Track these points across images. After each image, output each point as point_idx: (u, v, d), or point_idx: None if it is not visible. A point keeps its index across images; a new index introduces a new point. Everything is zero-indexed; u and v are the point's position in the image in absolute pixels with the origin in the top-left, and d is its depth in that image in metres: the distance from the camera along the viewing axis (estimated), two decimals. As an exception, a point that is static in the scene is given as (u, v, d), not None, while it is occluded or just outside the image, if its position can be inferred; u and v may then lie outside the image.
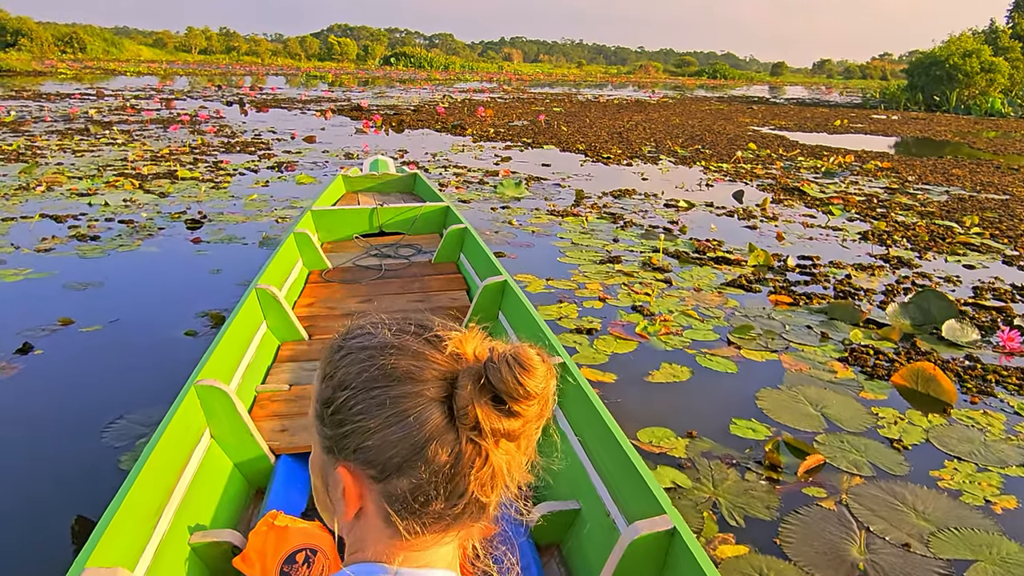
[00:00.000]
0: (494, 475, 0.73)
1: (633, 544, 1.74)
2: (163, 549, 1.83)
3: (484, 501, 0.74)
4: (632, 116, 23.02)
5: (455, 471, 0.71)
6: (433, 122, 18.11)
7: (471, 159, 12.03)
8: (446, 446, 0.71)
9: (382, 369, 0.72)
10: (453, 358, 0.73)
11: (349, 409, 0.73)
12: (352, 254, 5.03)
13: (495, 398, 0.71)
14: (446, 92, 35.69)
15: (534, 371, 0.70)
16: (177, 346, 4.02)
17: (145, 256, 5.74)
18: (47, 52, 75.14)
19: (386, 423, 0.71)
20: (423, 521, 0.73)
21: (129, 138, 12.93)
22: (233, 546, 1.95)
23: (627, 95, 41.27)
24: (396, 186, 6.87)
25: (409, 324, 0.77)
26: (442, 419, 0.71)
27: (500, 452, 0.73)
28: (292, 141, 13.59)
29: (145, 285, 5.07)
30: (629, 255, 6.30)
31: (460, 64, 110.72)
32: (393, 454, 0.71)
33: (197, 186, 8.61)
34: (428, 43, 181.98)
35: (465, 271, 4.61)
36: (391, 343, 0.74)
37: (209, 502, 2.17)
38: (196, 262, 5.59)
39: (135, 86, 31.55)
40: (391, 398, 0.71)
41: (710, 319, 4.79)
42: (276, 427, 2.63)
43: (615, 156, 12.96)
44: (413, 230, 5.53)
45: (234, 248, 6.02)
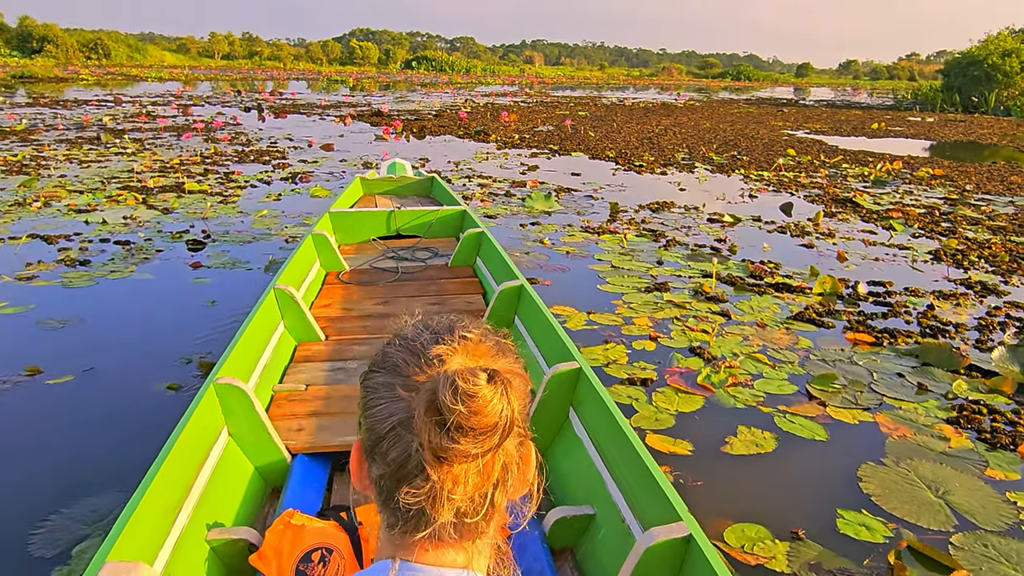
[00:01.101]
0: (434, 493, 0.71)
1: (649, 551, 1.70)
2: (181, 545, 1.83)
3: (431, 515, 0.72)
4: (660, 120, 22.26)
5: (402, 474, 0.71)
6: (455, 128, 17.48)
7: (496, 168, 11.37)
8: (399, 445, 0.71)
9: (384, 356, 0.77)
10: (438, 362, 0.72)
11: (363, 383, 0.78)
12: (369, 256, 5.00)
13: (439, 414, 0.68)
14: (468, 96, 35.10)
15: (468, 399, 0.67)
16: (154, 405, 3.38)
17: (136, 285, 5.13)
18: (72, 58, 75.72)
19: (371, 404, 0.74)
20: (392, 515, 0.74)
21: (140, 147, 12.42)
22: (250, 544, 1.95)
23: (652, 98, 40.46)
24: (413, 189, 6.82)
25: (439, 323, 0.78)
26: (403, 418, 0.71)
27: (441, 470, 0.70)
28: (309, 149, 13.02)
29: (130, 322, 4.45)
30: (677, 281, 5.61)
31: (481, 67, 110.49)
32: (368, 436, 0.75)
33: (204, 201, 8.02)
34: (449, 46, 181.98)
35: (481, 275, 4.55)
36: (406, 335, 0.77)
37: (226, 499, 2.17)
38: (191, 293, 4.97)
39: (154, 92, 31.27)
40: (377, 383, 0.75)
41: (782, 364, 4.08)
42: (293, 427, 2.61)
43: (648, 164, 12.24)
44: (430, 233, 5.49)
45: (235, 276, 5.40)
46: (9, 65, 56.56)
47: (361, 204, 6.30)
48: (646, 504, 1.93)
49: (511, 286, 3.56)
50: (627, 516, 1.99)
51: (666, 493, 1.84)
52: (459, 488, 0.71)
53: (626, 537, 1.94)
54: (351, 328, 3.71)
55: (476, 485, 0.72)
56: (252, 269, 5.55)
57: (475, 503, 0.73)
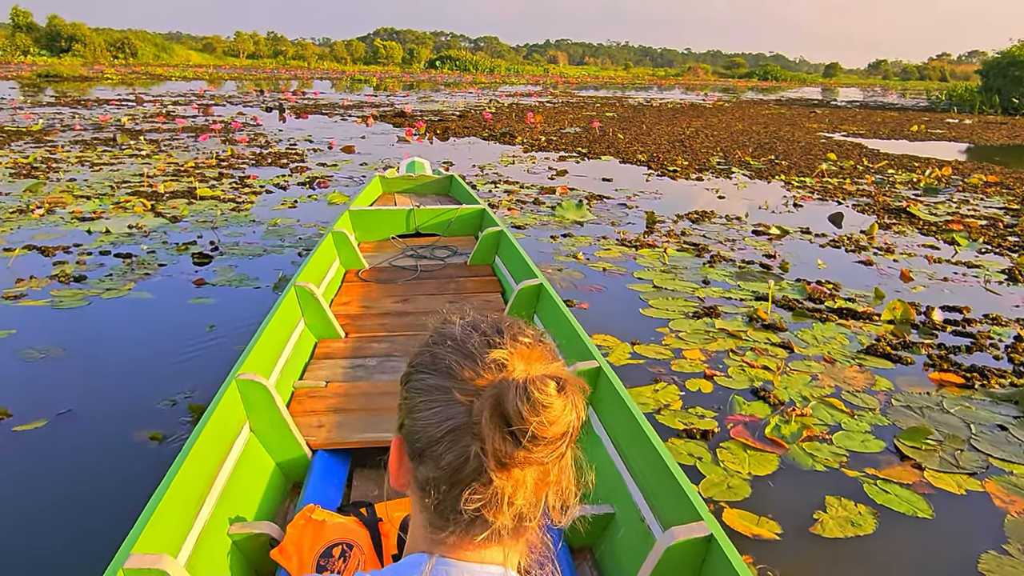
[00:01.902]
0: (496, 497, 0.69)
1: (669, 550, 1.66)
2: (204, 538, 1.80)
3: (488, 520, 0.70)
4: (690, 121, 21.61)
5: (457, 478, 0.69)
6: (480, 129, 16.97)
7: (523, 172, 10.84)
8: (455, 449, 0.69)
9: (433, 357, 0.73)
10: (496, 367, 0.70)
11: (407, 384, 0.76)
12: (388, 254, 5.00)
13: (505, 421, 0.67)
14: (492, 96, 34.60)
15: (539, 407, 0.67)
16: (131, 463, 2.89)
17: (131, 307, 4.66)
18: (100, 57, 76.29)
19: (419, 407, 0.72)
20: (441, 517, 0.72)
21: (156, 149, 12.04)
22: (271, 538, 1.94)
23: (679, 98, 39.72)
24: (432, 187, 6.80)
25: (487, 324, 0.75)
26: (461, 422, 0.69)
27: (503, 475, 0.69)
28: (329, 151, 12.57)
29: (118, 352, 3.98)
30: (728, 305, 5.05)
31: (505, 67, 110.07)
32: (418, 438, 0.72)
33: (215, 208, 7.57)
34: (473, 46, 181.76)
35: (500, 274, 4.53)
36: (455, 336, 0.74)
37: (248, 494, 2.15)
38: (191, 316, 4.49)
39: (177, 91, 31.11)
40: (428, 386, 0.72)
41: (862, 412, 3.52)
42: (313, 423, 2.60)
43: (682, 169, 11.64)
44: (449, 232, 5.46)
45: (241, 295, 4.92)
46: (37, 64, 56.99)
47: (380, 202, 6.26)
48: (666, 504, 1.90)
49: (530, 285, 3.54)
50: (647, 515, 1.96)
51: (687, 492, 1.80)
52: (520, 492, 0.70)
53: (646, 536, 1.91)
54: (371, 326, 3.68)
55: (536, 489, 0.72)
56: (260, 287, 5.07)
57: (533, 506, 0.72)
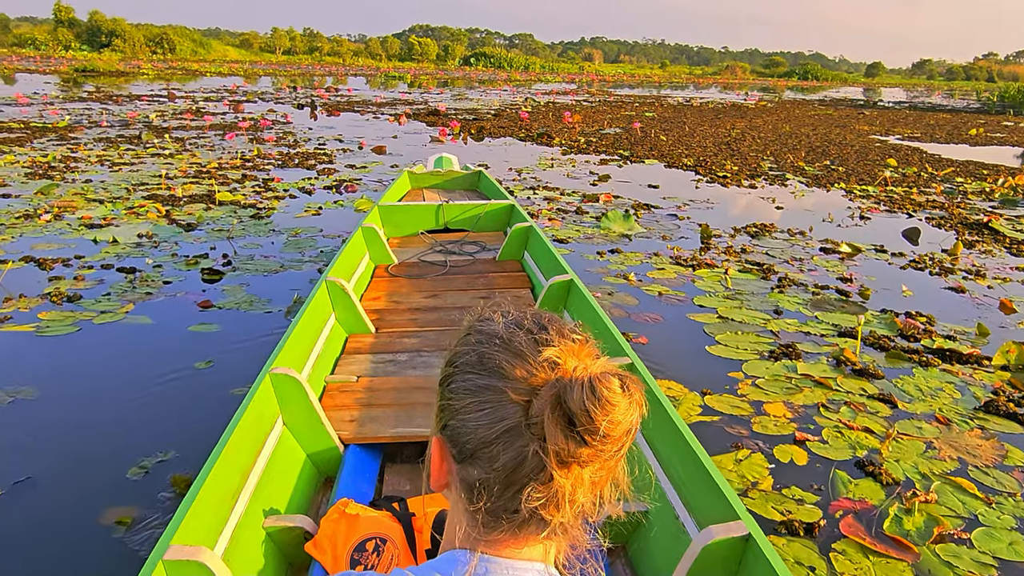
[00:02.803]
0: (556, 495, 0.68)
1: (706, 549, 1.62)
2: (239, 531, 1.81)
3: (546, 518, 0.69)
4: (734, 122, 20.74)
5: (514, 478, 0.68)
6: (516, 129, 16.32)
7: (563, 177, 10.18)
8: (512, 450, 0.68)
9: (480, 357, 0.71)
10: (549, 365, 0.68)
11: (449, 385, 0.73)
12: (417, 250, 4.99)
13: (568, 419, 0.66)
14: (528, 94, 33.94)
15: (606, 405, 0.65)
16: (92, 550, 2.30)
17: (123, 334, 4.11)
18: (139, 52, 77.10)
19: (468, 409, 0.70)
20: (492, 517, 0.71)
21: (181, 147, 11.59)
22: (305, 531, 1.93)
23: (719, 98, 38.70)
24: (461, 183, 6.78)
25: (529, 320, 0.73)
26: (516, 422, 0.67)
27: (564, 473, 0.67)
28: (359, 152, 12.03)
29: (98, 395, 3.40)
30: (807, 342, 4.35)
31: (540, 65, 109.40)
32: (468, 440, 0.70)
33: (233, 214, 7.04)
34: (508, 43, 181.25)
35: (529, 269, 4.53)
36: (500, 334, 0.72)
37: (281, 488, 2.14)
38: (186, 349, 3.91)
39: (211, 87, 30.92)
40: (478, 387, 0.70)
41: (1000, 500, 2.81)
42: (345, 417, 2.59)
43: (732, 174, 10.89)
44: (477, 227, 5.46)
45: (249, 320, 4.34)
46: (76, 59, 57.58)
47: (409, 198, 6.25)
48: (702, 502, 1.85)
49: (560, 280, 3.52)
50: (681, 514, 1.92)
51: (723, 491, 1.75)
52: (580, 490, 0.69)
53: (680, 535, 1.87)
54: (400, 321, 3.67)
55: (594, 486, 0.70)
56: (271, 312, 4.49)
57: (592, 504, 0.71)
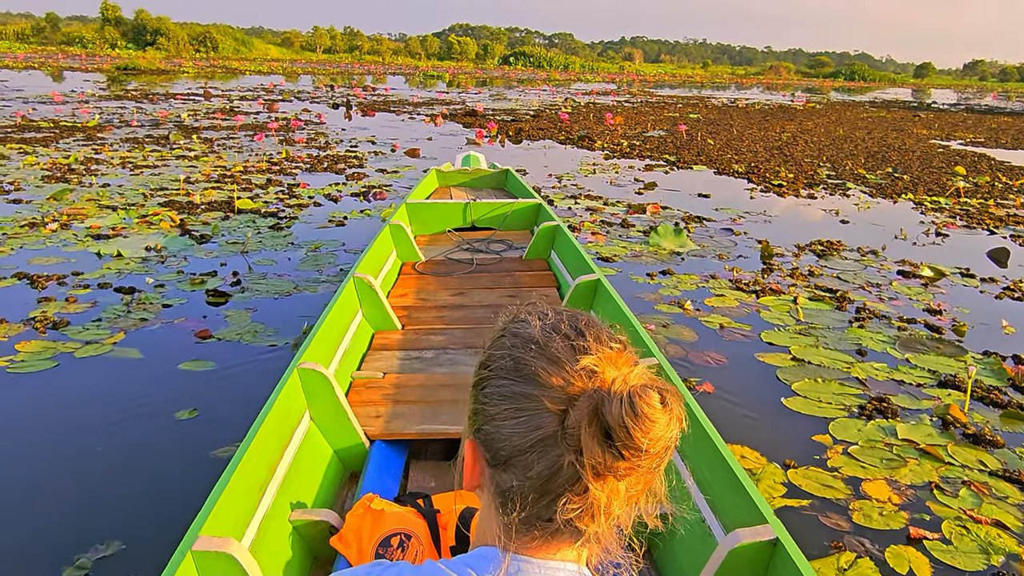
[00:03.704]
0: (591, 507, 0.67)
1: (733, 553, 1.59)
2: (266, 524, 1.82)
3: (581, 528, 0.68)
4: (783, 125, 19.84)
5: (549, 487, 0.67)
6: (556, 131, 15.68)
7: (605, 184, 9.53)
8: (547, 459, 0.66)
9: (516, 362, 0.70)
10: (587, 374, 0.67)
11: (483, 389, 0.72)
12: (444, 247, 4.99)
13: (605, 432, 0.64)
14: (568, 94, 33.26)
15: (647, 421, 0.63)
16: None
17: (105, 372, 3.58)
18: (182, 51, 77.99)
19: (503, 415, 0.69)
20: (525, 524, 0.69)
21: (208, 149, 11.19)
22: (331, 526, 1.94)
23: (765, 99, 37.59)
24: (488, 182, 6.75)
25: (566, 324, 0.71)
26: (552, 431, 0.66)
27: (600, 485, 0.66)
28: (392, 155, 11.51)
29: (50, 458, 2.86)
30: (901, 392, 3.67)
31: (580, 64, 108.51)
32: (502, 446, 0.69)
33: (252, 224, 6.53)
34: (548, 42, 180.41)
35: (556, 268, 4.52)
36: (536, 339, 0.70)
37: (308, 482, 2.15)
38: (174, 391, 3.37)
39: (247, 86, 30.79)
40: (514, 393, 0.68)
41: None
42: (371, 413, 2.58)
43: (788, 183, 10.13)
44: (504, 226, 5.43)
45: (248, 357, 3.79)
46: (121, 57, 58.31)
47: (436, 196, 6.26)
48: (729, 505, 1.80)
49: (587, 280, 3.51)
50: (708, 517, 1.86)
51: (750, 494, 1.72)
52: (616, 501, 0.67)
53: (706, 538, 1.81)
54: (427, 318, 3.67)
55: (630, 498, 0.69)
56: (275, 345, 3.94)
57: (628, 514, 0.70)
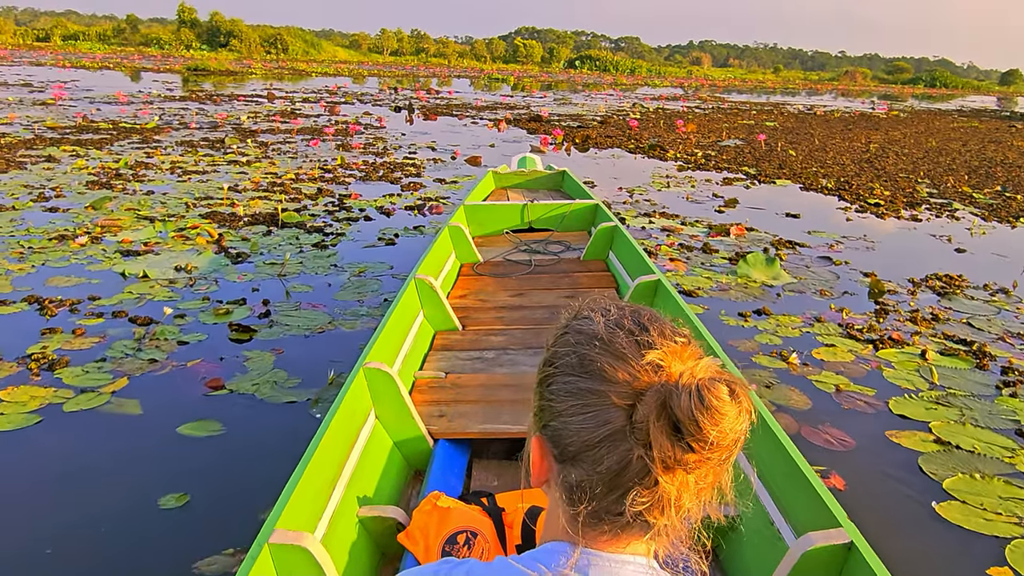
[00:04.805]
0: (661, 500, 0.68)
1: (805, 556, 1.57)
2: (336, 519, 1.86)
3: (650, 521, 0.70)
4: (868, 135, 18.55)
5: (618, 481, 0.68)
6: (625, 139, 14.85)
7: (681, 200, 8.69)
8: (615, 453, 0.68)
9: (581, 359, 0.71)
10: (652, 368, 0.68)
11: (548, 386, 0.73)
12: (502, 249, 4.97)
13: (674, 426, 0.65)
14: (635, 99, 32.29)
15: (715, 413, 0.64)
16: None
17: (93, 433, 2.98)
18: (254, 52, 79.53)
19: (570, 411, 0.70)
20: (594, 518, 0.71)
21: (262, 153, 10.75)
22: (397, 522, 1.96)
23: (843, 106, 35.91)
24: (544, 183, 6.79)
25: (629, 320, 0.73)
26: (620, 426, 0.67)
27: (670, 478, 0.67)
28: (452, 163, 10.88)
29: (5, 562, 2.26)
30: (1091, 501, 2.80)
31: (646, 68, 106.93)
32: (570, 442, 0.70)
33: (295, 241, 5.96)
34: (614, 46, 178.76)
35: (614, 269, 4.47)
36: (600, 335, 0.71)
37: (374, 478, 2.18)
38: (166, 463, 2.74)
39: (313, 88, 30.75)
40: (580, 390, 0.70)
41: None
42: (434, 412, 2.60)
43: (885, 201, 9.12)
44: (562, 227, 5.41)
45: (261, 418, 3.15)
46: (195, 58, 59.62)
47: (493, 198, 6.26)
48: (799, 508, 1.78)
49: (647, 280, 3.49)
50: (776, 519, 1.83)
51: (822, 497, 1.70)
52: (686, 494, 0.68)
53: (775, 541, 1.79)
54: (487, 319, 3.66)
55: (699, 491, 0.70)
56: (294, 402, 3.30)
57: (697, 507, 0.70)
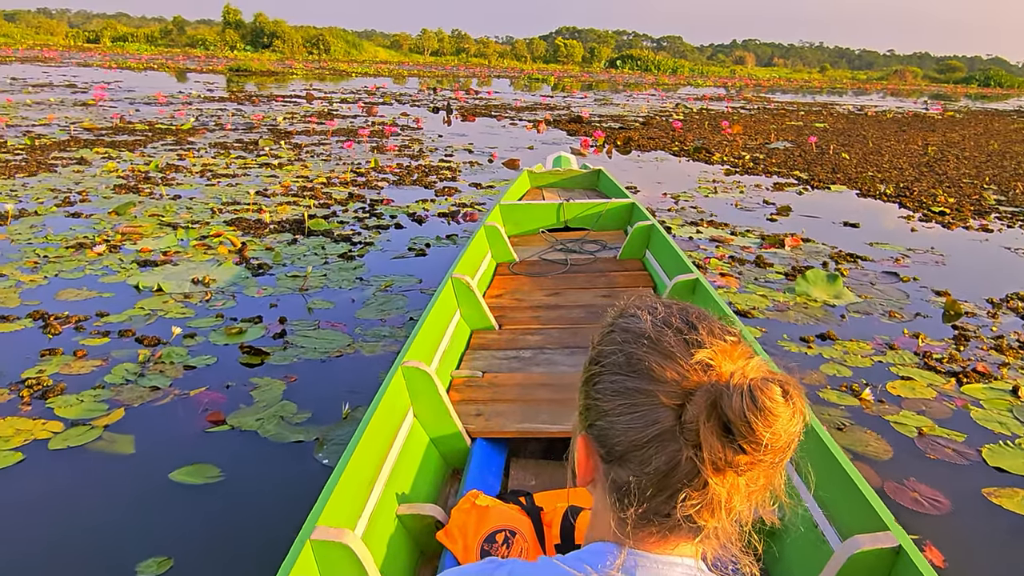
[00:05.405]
0: (711, 502, 0.67)
1: (852, 560, 1.54)
2: (376, 516, 1.88)
3: (699, 523, 0.68)
4: (924, 136, 17.73)
5: (667, 482, 0.67)
6: (668, 141, 14.33)
7: (730, 207, 8.20)
8: (664, 454, 0.66)
9: (628, 358, 0.70)
10: (702, 368, 0.67)
11: (594, 385, 0.72)
12: (538, 248, 4.95)
13: (724, 427, 0.64)
14: (678, 100, 31.62)
15: (768, 415, 0.62)
16: None
17: (73, 479, 2.66)
18: (296, 53, 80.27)
19: (617, 411, 0.69)
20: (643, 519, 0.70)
21: (295, 156, 10.51)
22: (436, 520, 1.97)
23: (895, 106, 34.73)
24: (580, 182, 6.75)
25: (677, 318, 0.71)
26: (669, 426, 0.66)
27: (720, 480, 0.66)
28: (488, 166, 10.51)
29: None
30: None
31: (689, 68, 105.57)
32: (617, 442, 0.70)
33: (320, 251, 5.64)
34: (656, 46, 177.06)
35: (651, 268, 4.41)
36: (648, 334, 0.70)
37: (413, 477, 2.19)
38: (152, 516, 2.40)
39: (352, 88, 30.68)
40: (627, 389, 0.69)
41: None
42: (471, 411, 2.60)
43: (952, 210, 8.51)
44: (598, 226, 5.37)
45: (262, 458, 2.81)
46: (238, 59, 60.31)
47: (528, 197, 6.27)
48: (845, 510, 1.74)
49: (686, 280, 3.45)
50: (821, 522, 1.79)
51: (868, 500, 1.66)
52: (737, 497, 0.67)
53: (820, 544, 1.75)
54: (523, 318, 3.65)
55: (750, 493, 0.68)
56: (300, 442, 2.95)
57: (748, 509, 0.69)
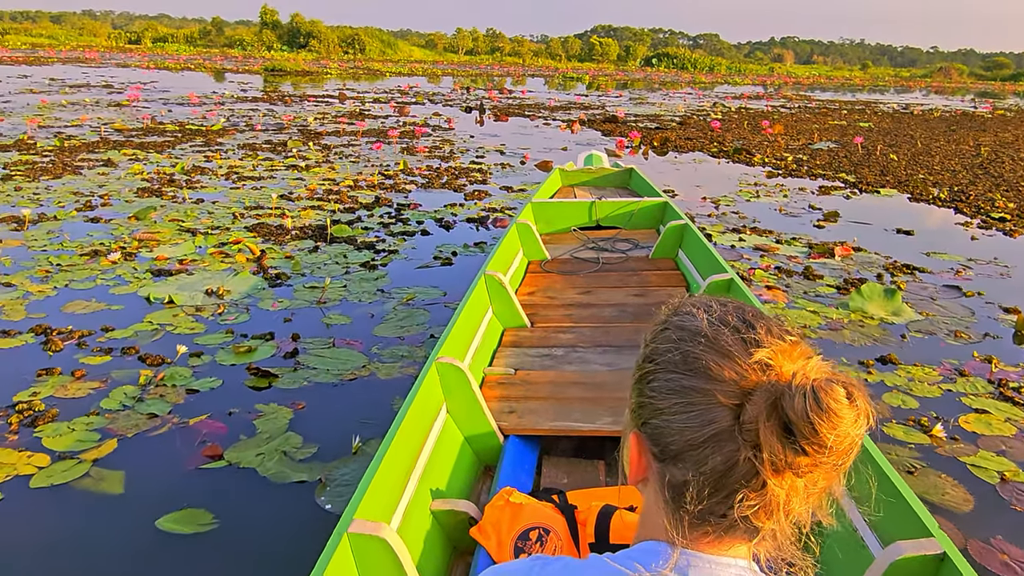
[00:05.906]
0: (769, 503, 0.65)
1: (893, 567, 1.51)
2: (410, 511, 1.88)
3: (756, 524, 0.67)
4: (975, 136, 16.99)
5: (724, 482, 0.66)
6: (707, 142, 13.87)
7: (774, 213, 7.78)
8: (721, 454, 0.65)
9: (684, 356, 0.69)
10: (760, 367, 0.66)
11: (648, 383, 0.72)
12: (569, 246, 4.92)
13: (785, 427, 0.63)
14: (715, 98, 30.98)
15: (832, 416, 0.61)
16: None
17: (50, 526, 2.40)
18: (332, 53, 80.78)
19: (672, 409, 0.68)
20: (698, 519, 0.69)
21: (323, 157, 10.30)
22: (469, 516, 1.97)
23: (942, 104, 33.69)
24: (612, 181, 6.72)
25: (734, 316, 0.70)
26: (726, 425, 0.65)
27: (779, 481, 0.64)
28: (520, 168, 10.20)
29: None
30: None
31: (726, 66, 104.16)
32: (672, 441, 0.69)
33: (342, 259, 5.38)
34: (692, 43, 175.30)
35: (684, 267, 4.39)
36: (704, 332, 0.69)
37: (446, 472, 2.21)
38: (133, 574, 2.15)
39: (386, 87, 30.58)
40: (683, 387, 0.68)
41: None
42: (504, 408, 2.61)
43: (1011, 215, 7.98)
44: (630, 225, 5.33)
45: (260, 503, 2.53)
46: (275, 59, 60.80)
47: (560, 195, 6.28)
48: (886, 516, 1.67)
49: (720, 279, 3.41)
50: (860, 527, 1.75)
51: (911, 505, 1.64)
52: (796, 499, 0.66)
53: (860, 550, 1.70)
54: (555, 316, 3.64)
55: (809, 496, 0.67)
56: (303, 482, 2.67)
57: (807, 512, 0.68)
